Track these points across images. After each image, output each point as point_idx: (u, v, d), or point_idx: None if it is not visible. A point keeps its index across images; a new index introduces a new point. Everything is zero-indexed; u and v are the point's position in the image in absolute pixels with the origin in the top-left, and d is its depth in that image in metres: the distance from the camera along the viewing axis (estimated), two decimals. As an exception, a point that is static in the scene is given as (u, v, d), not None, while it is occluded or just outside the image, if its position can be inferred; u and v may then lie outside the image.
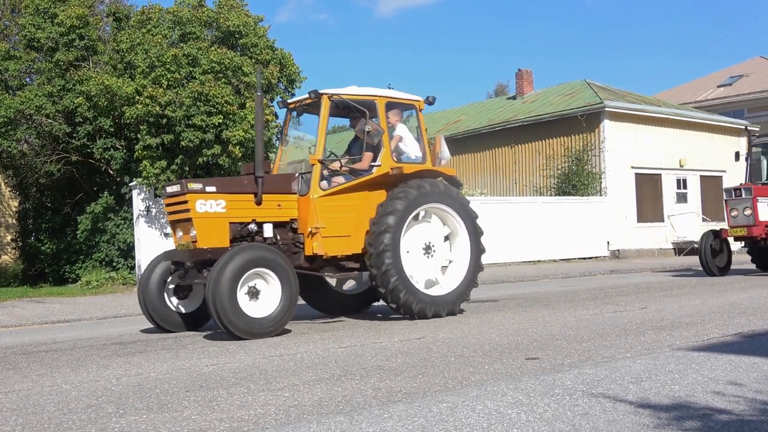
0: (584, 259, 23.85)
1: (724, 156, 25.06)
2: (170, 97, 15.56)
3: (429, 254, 9.13)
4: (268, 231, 8.54)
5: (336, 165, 8.90)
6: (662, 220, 26.37)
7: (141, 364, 6.39)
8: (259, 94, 8.60)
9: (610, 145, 25.30)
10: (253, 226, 8.45)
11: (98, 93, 16.27)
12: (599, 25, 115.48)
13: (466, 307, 10.35)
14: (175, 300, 8.68)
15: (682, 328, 7.32)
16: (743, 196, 14.95)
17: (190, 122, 15.66)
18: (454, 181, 9.78)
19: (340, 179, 8.85)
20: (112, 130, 17.45)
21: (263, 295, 7.74)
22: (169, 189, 8.38)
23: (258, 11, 71.56)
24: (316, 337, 7.73)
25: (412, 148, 9.42)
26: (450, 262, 9.34)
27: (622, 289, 12.62)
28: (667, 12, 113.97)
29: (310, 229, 8.53)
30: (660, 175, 26.67)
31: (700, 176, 27.57)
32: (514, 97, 32.95)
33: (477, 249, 9.43)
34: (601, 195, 24.98)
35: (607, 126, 25.33)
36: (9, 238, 24.89)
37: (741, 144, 30.63)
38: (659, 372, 5.14)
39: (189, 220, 8.05)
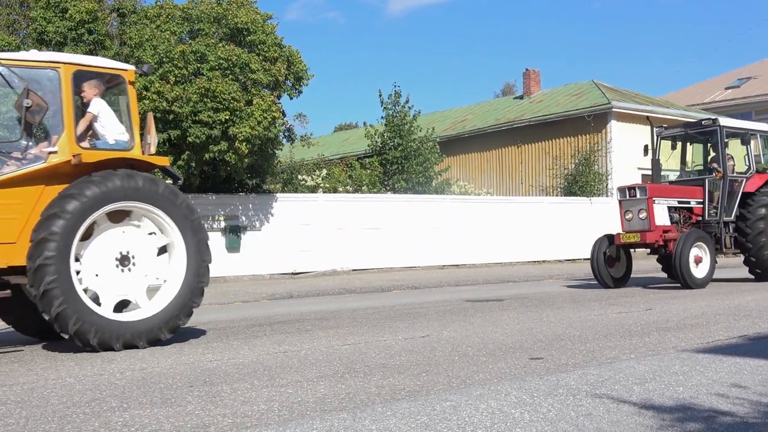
0: (590, 259, 23.80)
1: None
2: (177, 93, 15.59)
3: (126, 267, 7.13)
4: None
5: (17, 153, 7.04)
6: (668, 222, 26.29)
7: (145, 358, 6.40)
8: None
9: (617, 145, 25.28)
10: None
11: (106, 88, 16.33)
12: (607, 26, 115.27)
13: (471, 307, 10.35)
14: None
15: (687, 330, 7.30)
16: (638, 196, 13.06)
17: (197, 118, 15.70)
18: (170, 173, 7.88)
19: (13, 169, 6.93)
20: (119, 125, 17.49)
21: None
22: None
23: (267, 9, 71.40)
24: (320, 334, 7.74)
25: (112, 130, 7.45)
26: (164, 280, 7.34)
27: (627, 291, 12.59)
28: (675, 14, 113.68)
29: None
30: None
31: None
32: (521, 97, 32.94)
33: (196, 264, 7.34)
34: (607, 196, 24.94)
35: (614, 127, 25.31)
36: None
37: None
38: (663, 373, 5.13)
39: None
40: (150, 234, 7.29)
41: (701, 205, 13.66)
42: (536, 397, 4.46)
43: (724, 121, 13.86)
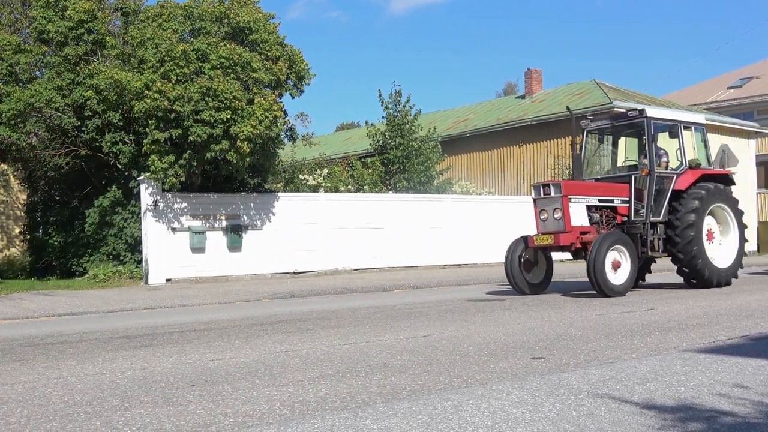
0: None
1: (733, 158, 24.89)
2: (179, 92, 15.59)
3: None
4: None
5: None
6: (670, 222, 26.23)
7: (146, 357, 6.40)
8: None
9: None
10: None
11: (107, 87, 16.33)
12: (609, 26, 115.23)
13: (473, 306, 10.34)
14: None
15: (689, 330, 7.30)
16: (552, 194, 11.89)
17: (199, 117, 15.69)
18: None
19: None
20: (121, 124, 17.51)
21: None
22: None
23: (269, 8, 71.26)
24: (322, 333, 7.74)
25: None
26: None
27: (629, 290, 12.56)
28: (676, 13, 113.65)
29: None
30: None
31: (709, 178, 27.42)
32: (523, 97, 32.90)
33: None
34: (609, 195, 24.90)
35: (616, 126, 25.25)
36: (17, 230, 25.02)
37: (751, 145, 30.53)
38: (665, 373, 5.13)
39: None
40: None
41: (627, 205, 12.43)
42: (538, 397, 4.46)
43: (652, 112, 12.66)
